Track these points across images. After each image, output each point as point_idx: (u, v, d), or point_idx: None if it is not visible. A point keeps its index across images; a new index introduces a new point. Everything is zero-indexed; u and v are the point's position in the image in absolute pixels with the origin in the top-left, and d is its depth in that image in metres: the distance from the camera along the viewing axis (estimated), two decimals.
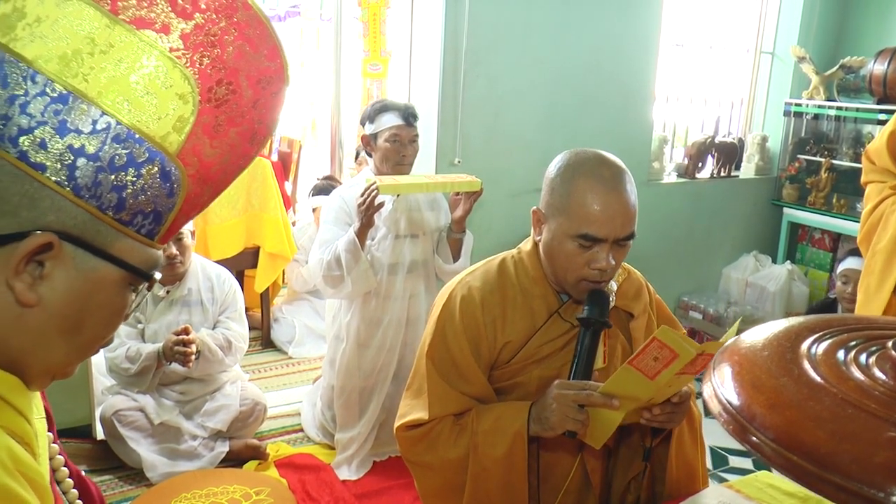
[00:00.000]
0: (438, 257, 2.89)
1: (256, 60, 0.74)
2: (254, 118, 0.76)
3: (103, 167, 0.67)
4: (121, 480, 2.79)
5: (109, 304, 0.73)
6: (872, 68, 4.10)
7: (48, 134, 0.65)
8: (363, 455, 2.89)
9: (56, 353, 0.71)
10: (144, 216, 0.71)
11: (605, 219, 1.41)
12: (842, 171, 4.43)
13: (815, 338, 0.64)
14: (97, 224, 0.69)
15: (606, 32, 3.78)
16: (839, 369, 0.58)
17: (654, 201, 4.22)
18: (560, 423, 1.39)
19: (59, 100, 0.66)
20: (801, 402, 0.54)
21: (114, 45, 0.68)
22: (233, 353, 2.93)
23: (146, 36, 0.69)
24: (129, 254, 0.72)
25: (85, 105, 0.67)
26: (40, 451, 0.75)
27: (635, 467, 1.59)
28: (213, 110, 0.72)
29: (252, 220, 3.93)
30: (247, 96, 0.74)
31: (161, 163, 0.70)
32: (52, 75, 0.66)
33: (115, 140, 0.67)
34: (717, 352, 0.67)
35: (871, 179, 2.47)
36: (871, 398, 0.53)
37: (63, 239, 0.67)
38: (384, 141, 2.77)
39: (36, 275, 0.67)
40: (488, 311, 1.53)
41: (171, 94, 0.70)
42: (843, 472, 0.47)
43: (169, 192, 0.72)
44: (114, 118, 0.67)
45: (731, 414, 0.56)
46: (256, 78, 0.75)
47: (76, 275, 0.69)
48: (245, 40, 0.73)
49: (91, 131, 0.67)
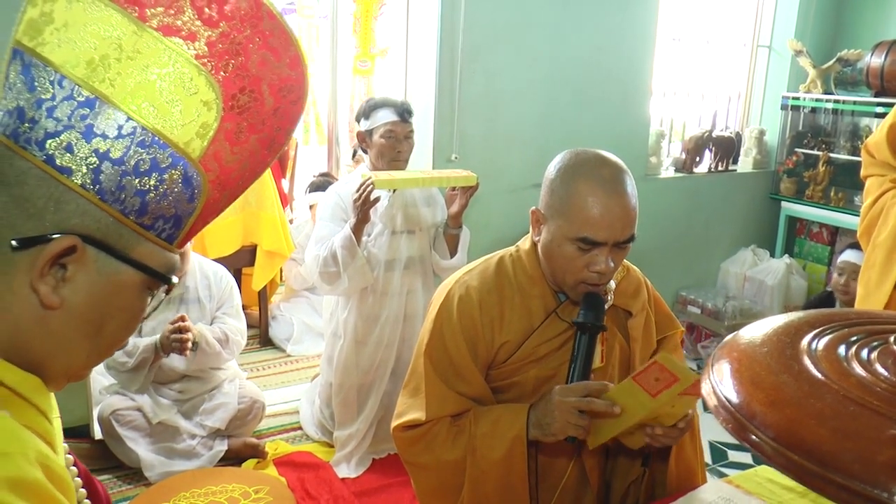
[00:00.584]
0: (435, 253, 2.88)
1: (279, 69, 0.75)
2: (273, 125, 0.77)
3: (128, 171, 0.68)
4: (119, 480, 2.78)
5: (129, 307, 0.75)
6: (869, 61, 4.08)
7: (75, 138, 0.66)
8: (362, 452, 2.89)
9: (77, 354, 0.73)
10: (165, 221, 0.72)
11: (606, 223, 1.39)
12: (839, 164, 4.42)
13: (816, 333, 0.63)
14: (120, 228, 0.70)
15: (604, 28, 3.77)
16: (840, 365, 0.57)
17: (652, 196, 4.22)
18: (562, 430, 1.38)
19: (86, 104, 0.67)
20: (801, 400, 0.52)
21: (141, 51, 0.69)
22: (230, 347, 2.91)
23: (173, 43, 0.70)
24: (150, 258, 0.73)
25: (111, 110, 0.68)
26: (58, 449, 0.76)
27: (634, 471, 1.59)
28: (235, 117, 0.73)
29: (249, 218, 3.92)
30: (268, 104, 0.75)
31: (184, 168, 0.71)
32: (78, 80, 0.67)
33: (139, 145, 0.68)
34: (717, 347, 0.66)
35: (871, 173, 2.45)
36: (874, 395, 0.52)
37: (87, 242, 0.68)
38: (379, 137, 2.76)
39: (59, 277, 0.68)
40: (486, 311, 1.52)
41: (195, 101, 0.71)
42: (846, 471, 0.46)
43: (190, 197, 0.73)
44: (139, 123, 0.68)
45: (729, 412, 0.55)
46: (278, 86, 0.76)
47: (98, 278, 0.70)
48: (268, 49, 0.74)
49: (117, 136, 0.68)
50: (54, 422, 0.76)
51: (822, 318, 0.66)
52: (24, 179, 0.66)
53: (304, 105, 0.80)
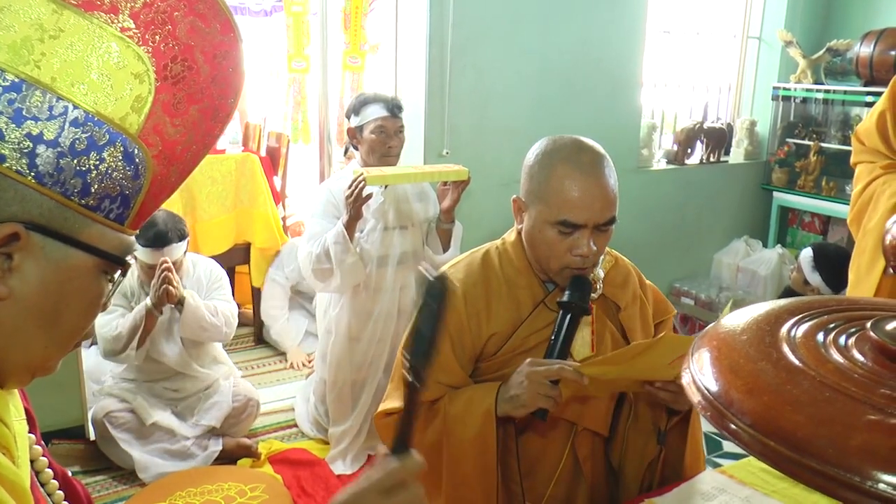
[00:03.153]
0: (428, 248, 2.88)
1: (210, 35, 0.74)
2: (214, 94, 0.76)
3: (64, 152, 0.66)
4: (114, 480, 2.78)
5: (85, 293, 0.72)
6: (859, 51, 4.09)
7: (4, 123, 0.64)
8: (357, 448, 2.89)
9: (34, 347, 0.70)
10: (112, 200, 0.70)
11: (584, 205, 1.40)
12: (830, 153, 4.43)
13: (796, 320, 0.63)
14: (64, 211, 0.68)
15: (593, 21, 3.77)
16: (818, 352, 0.57)
17: (645, 188, 4.22)
18: (532, 401, 1.36)
19: (12, 88, 0.65)
20: (779, 386, 0.53)
21: (63, 29, 0.67)
22: (219, 316, 2.87)
23: (95, 18, 0.68)
24: (100, 240, 0.71)
25: (39, 92, 0.66)
26: (20, 453, 0.74)
27: (649, 452, 1.56)
28: (170, 88, 0.72)
29: (242, 216, 3.92)
30: (204, 72, 0.74)
31: (123, 144, 0.70)
32: (2, 65, 0.65)
33: (73, 124, 0.67)
34: (697, 336, 0.66)
35: (861, 160, 2.46)
36: (850, 381, 0.53)
37: (29, 229, 0.66)
38: (370, 133, 2.76)
39: (5, 267, 0.66)
40: (471, 304, 1.52)
41: (126, 74, 0.69)
42: (820, 456, 0.46)
43: (134, 174, 0.71)
44: (70, 102, 0.67)
45: (708, 400, 0.55)
46: (212, 53, 0.74)
47: (47, 265, 0.68)
48: (196, 15, 0.73)
49: (48, 117, 0.66)
50: (14, 425, 0.73)
51: (802, 306, 0.66)
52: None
53: (242, 72, 0.78)
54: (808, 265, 3.33)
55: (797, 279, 3.42)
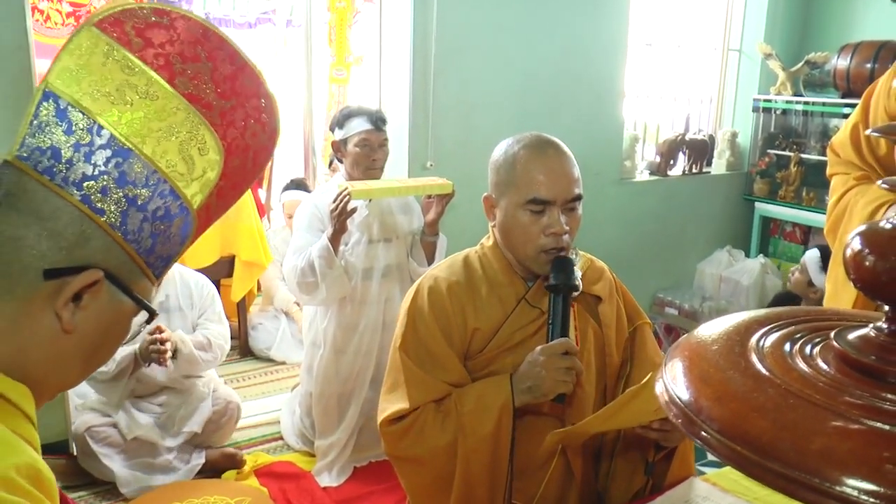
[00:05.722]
0: (413, 261, 2.90)
1: (262, 140, 0.87)
2: (249, 181, 0.90)
3: (147, 217, 0.76)
4: (96, 496, 2.76)
5: (123, 334, 0.82)
6: (836, 63, 4.16)
7: (110, 182, 0.74)
8: (343, 461, 2.89)
9: (73, 373, 0.80)
10: (163, 260, 0.81)
11: (551, 181, 1.48)
12: (810, 164, 4.50)
13: (765, 331, 0.65)
14: (131, 265, 0.77)
15: (575, 33, 3.81)
16: (784, 361, 0.59)
17: (627, 200, 4.26)
18: (553, 388, 1.43)
19: (120, 153, 0.75)
20: (745, 394, 0.55)
21: (171, 114, 0.78)
22: (213, 351, 2.88)
23: (195, 109, 0.79)
24: (143, 292, 0.81)
25: (141, 163, 0.76)
26: None
27: (637, 482, 1.58)
28: (228, 178, 0.83)
29: (227, 229, 3.91)
30: (248, 167, 0.87)
31: (185, 217, 0.80)
32: (121, 136, 0.75)
33: (160, 195, 0.77)
34: (671, 347, 0.68)
35: (836, 171, 2.50)
36: (814, 388, 0.55)
37: (106, 277, 0.75)
38: (354, 146, 2.77)
39: (75, 306, 0.74)
40: (456, 299, 1.56)
41: (206, 161, 0.80)
42: (782, 459, 0.48)
43: (181, 241, 0.82)
44: (162, 176, 0.77)
45: (679, 408, 0.58)
46: (261, 154, 0.87)
47: (106, 308, 0.77)
48: (259, 123, 0.85)
49: (143, 185, 0.76)
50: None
51: (771, 317, 0.69)
52: (59, 215, 0.72)
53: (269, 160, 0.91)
54: (816, 266, 3.28)
55: (800, 281, 3.39)
